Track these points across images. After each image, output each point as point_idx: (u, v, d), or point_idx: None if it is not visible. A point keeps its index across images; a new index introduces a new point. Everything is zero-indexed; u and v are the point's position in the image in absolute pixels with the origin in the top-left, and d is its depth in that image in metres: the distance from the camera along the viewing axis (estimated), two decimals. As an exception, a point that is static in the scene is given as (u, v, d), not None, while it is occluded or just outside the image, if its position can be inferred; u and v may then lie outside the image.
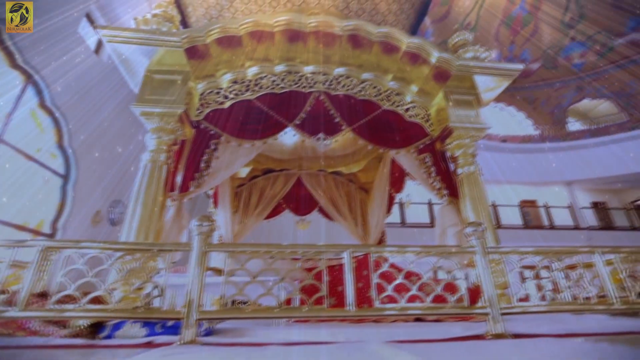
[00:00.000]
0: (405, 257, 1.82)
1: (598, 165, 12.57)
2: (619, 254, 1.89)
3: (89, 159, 6.13)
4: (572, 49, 13.91)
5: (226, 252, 1.59)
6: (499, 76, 3.23)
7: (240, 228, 5.63)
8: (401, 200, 11.45)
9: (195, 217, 1.73)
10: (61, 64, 5.40)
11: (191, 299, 1.41)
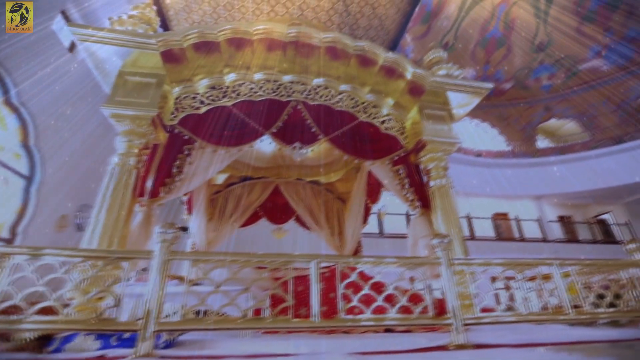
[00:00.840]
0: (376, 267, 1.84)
1: (564, 181, 13.28)
2: (575, 266, 1.98)
3: (57, 160, 5.83)
4: (541, 71, 14.81)
5: (190, 260, 1.54)
6: (470, 93, 3.38)
7: (215, 236, 5.49)
8: (379, 210, 11.61)
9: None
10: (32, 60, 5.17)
11: (149, 309, 1.34)
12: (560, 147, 14.48)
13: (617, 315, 2.08)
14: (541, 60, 14.56)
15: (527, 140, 15.30)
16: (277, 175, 5.59)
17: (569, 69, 14.28)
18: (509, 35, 14.48)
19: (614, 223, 14.41)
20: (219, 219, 5.62)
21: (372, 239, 11.25)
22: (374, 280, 1.66)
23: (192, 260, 1.53)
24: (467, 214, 13.06)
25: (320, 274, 2.28)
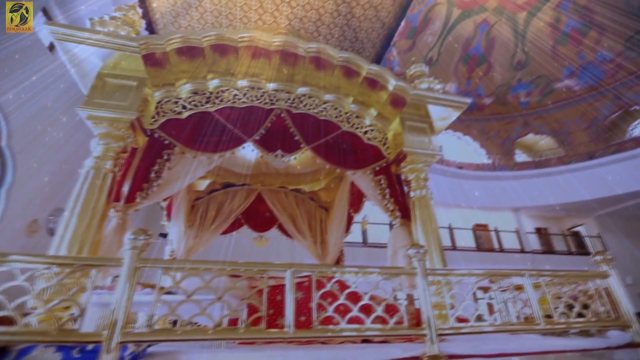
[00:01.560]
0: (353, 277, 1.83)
1: (540, 194, 13.77)
2: (545, 277, 2.04)
3: (31, 162, 5.59)
4: (519, 88, 15.49)
5: (161, 268, 1.49)
6: (450, 107, 3.49)
7: (195, 243, 5.37)
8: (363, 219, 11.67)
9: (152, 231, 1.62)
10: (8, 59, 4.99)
11: (115, 319, 1.29)
12: (537, 161, 15.06)
13: (588, 325, 2.15)
14: (519, 78, 15.24)
15: (507, 153, 15.85)
16: (260, 182, 5.55)
17: (545, 87, 15.00)
18: (490, 53, 15.12)
19: (587, 235, 14.99)
20: (200, 226, 5.51)
21: (356, 248, 11.28)
22: (349, 290, 1.66)
23: (164, 268, 1.48)
24: (449, 225, 13.31)
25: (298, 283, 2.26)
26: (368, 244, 11.71)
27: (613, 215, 14.33)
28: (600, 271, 2.25)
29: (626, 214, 14.13)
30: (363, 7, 5.66)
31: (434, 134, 3.55)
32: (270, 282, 3.24)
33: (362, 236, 12.04)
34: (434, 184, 12.03)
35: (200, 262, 1.53)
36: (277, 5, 5.69)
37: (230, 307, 1.52)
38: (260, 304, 1.55)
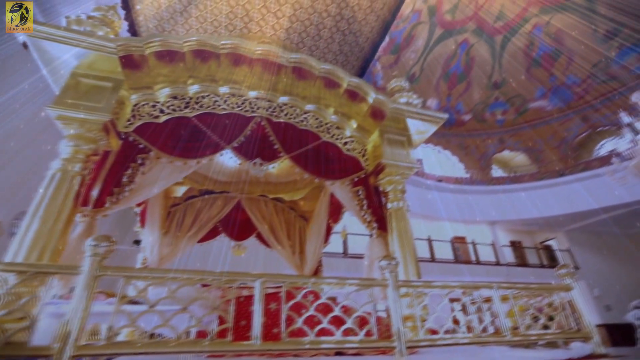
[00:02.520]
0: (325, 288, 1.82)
1: (515, 209, 14.28)
2: (512, 289, 2.10)
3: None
4: (495, 106, 16.18)
5: (123, 276, 1.42)
6: (427, 122, 3.59)
7: (169, 251, 5.20)
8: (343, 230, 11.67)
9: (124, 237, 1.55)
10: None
11: (68, 331, 1.21)
12: (512, 176, 15.66)
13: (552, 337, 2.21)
14: (496, 97, 15.95)
15: (484, 168, 16.41)
16: (240, 190, 5.46)
17: (520, 106, 15.76)
18: (469, 71, 15.78)
19: (558, 249, 15.61)
20: (176, 233, 5.35)
21: (336, 259, 11.25)
22: (320, 302, 1.64)
23: (126, 276, 1.42)
24: (428, 237, 13.54)
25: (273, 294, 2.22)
26: (348, 254, 11.71)
27: (581, 230, 15.02)
28: (564, 284, 2.33)
29: (593, 229, 14.85)
30: (348, 22, 5.79)
31: (412, 147, 3.63)
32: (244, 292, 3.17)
33: (342, 247, 12.03)
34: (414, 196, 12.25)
35: (166, 271, 1.47)
36: (263, 15, 5.73)
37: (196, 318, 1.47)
38: (228, 315, 1.50)
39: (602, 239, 15.40)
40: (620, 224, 14.08)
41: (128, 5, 6.38)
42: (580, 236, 15.18)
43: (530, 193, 14.18)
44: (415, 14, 14.17)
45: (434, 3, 14.08)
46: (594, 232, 15.09)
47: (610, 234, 15.26)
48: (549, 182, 14.04)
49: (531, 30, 14.17)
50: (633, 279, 14.63)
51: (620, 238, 15.47)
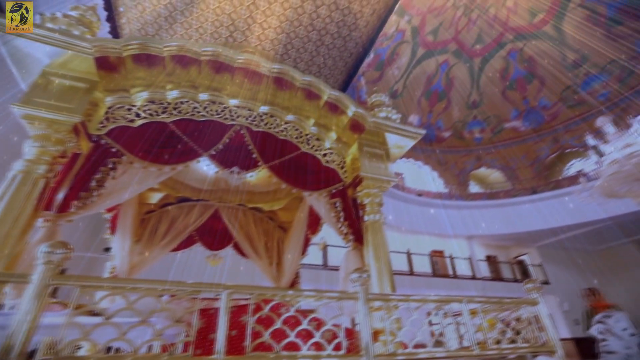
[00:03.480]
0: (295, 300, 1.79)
1: (491, 224, 14.71)
2: (483, 304, 2.14)
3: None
4: (473, 125, 16.84)
5: (78, 286, 1.34)
6: (405, 137, 3.67)
7: (141, 260, 4.99)
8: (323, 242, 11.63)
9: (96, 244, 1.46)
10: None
11: (10, 345, 1.12)
12: (488, 193, 16.20)
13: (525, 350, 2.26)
14: (474, 115, 16.62)
15: (462, 184, 16.89)
16: (218, 199, 5.36)
17: (496, 126, 16.47)
18: (449, 90, 16.41)
19: (530, 264, 16.13)
20: (149, 241, 5.15)
21: (316, 270, 11.14)
22: (288, 314, 1.61)
23: (80, 286, 1.33)
24: (407, 250, 13.68)
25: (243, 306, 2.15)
26: (328, 266, 11.63)
27: (552, 246, 15.63)
28: (531, 298, 2.40)
29: (563, 245, 15.47)
30: (332, 37, 5.93)
31: (390, 161, 3.69)
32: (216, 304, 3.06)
33: (322, 259, 11.95)
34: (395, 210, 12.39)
35: (127, 281, 1.40)
36: (249, 25, 5.79)
37: (156, 331, 1.40)
38: (199, 326, 1.44)
39: (572, 255, 16.06)
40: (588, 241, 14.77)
41: (111, 7, 6.28)
42: (552, 252, 15.79)
43: (505, 209, 14.69)
44: (400, 33, 14.70)
45: (417, 24, 14.67)
46: (564, 248, 15.73)
47: (578, 250, 15.95)
48: (523, 199, 14.61)
49: (506, 55, 14.98)
50: (599, 294, 15.22)
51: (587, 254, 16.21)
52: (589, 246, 15.68)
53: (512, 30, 14.40)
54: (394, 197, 13.78)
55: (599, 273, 15.78)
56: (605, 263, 15.75)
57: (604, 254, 15.96)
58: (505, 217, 14.52)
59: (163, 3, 5.72)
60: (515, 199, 14.78)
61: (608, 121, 8.20)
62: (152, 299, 1.38)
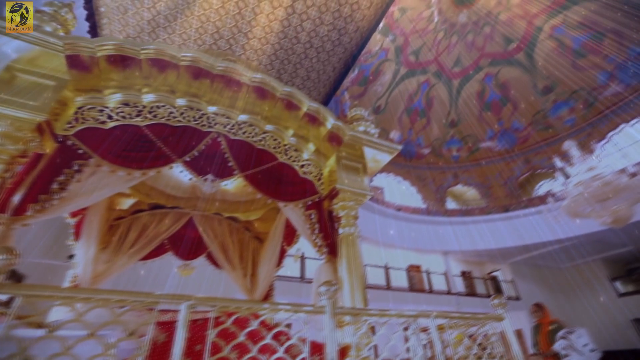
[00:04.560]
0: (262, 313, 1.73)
1: (466, 240, 15.08)
2: (449, 319, 2.15)
3: None
4: (451, 143, 17.44)
5: (21, 295, 1.24)
6: (383, 151, 3.74)
7: (106, 268, 4.73)
8: (302, 254, 11.51)
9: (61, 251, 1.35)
10: None
11: None
12: (464, 209, 16.67)
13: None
14: (452, 134, 17.24)
15: (439, 200, 17.33)
16: (193, 207, 5.21)
17: (472, 145, 17.13)
18: (429, 109, 16.99)
19: (503, 280, 16.58)
20: (116, 249, 4.91)
21: (293, 283, 10.97)
22: (251, 328, 1.55)
23: (23, 295, 1.22)
24: (385, 264, 13.74)
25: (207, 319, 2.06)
26: (306, 279, 11.47)
27: (524, 263, 16.17)
28: (497, 314, 2.45)
29: (534, 262, 16.05)
30: (317, 50, 6.03)
31: (368, 174, 3.73)
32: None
33: (300, 271, 11.80)
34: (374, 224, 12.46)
35: (79, 290, 1.31)
36: (234, 34, 5.80)
37: (106, 345, 1.30)
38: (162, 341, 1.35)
39: (542, 272, 16.66)
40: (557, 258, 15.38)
41: (91, 6, 6.14)
42: (523, 268, 16.32)
43: (480, 225, 15.14)
44: (383, 52, 15.19)
45: (400, 44, 15.23)
46: (535, 265, 16.32)
47: (548, 267, 16.57)
48: (496, 216, 15.12)
49: (483, 79, 15.77)
50: (566, 310, 15.85)
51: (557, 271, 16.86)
52: (558, 263, 16.34)
53: (489, 56, 15.22)
54: (373, 211, 13.91)
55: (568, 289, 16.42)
56: (573, 279, 16.43)
57: (572, 270, 16.66)
58: (480, 234, 14.94)
59: (146, 6, 5.65)
60: (489, 216, 15.28)
61: (574, 145, 8.71)
62: (105, 311, 1.30)
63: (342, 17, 5.78)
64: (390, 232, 14.04)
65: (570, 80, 14.28)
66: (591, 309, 15.30)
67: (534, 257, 15.37)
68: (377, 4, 5.85)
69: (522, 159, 16.44)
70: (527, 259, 15.60)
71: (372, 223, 13.35)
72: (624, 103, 13.77)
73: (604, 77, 13.86)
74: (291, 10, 5.64)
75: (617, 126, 14.05)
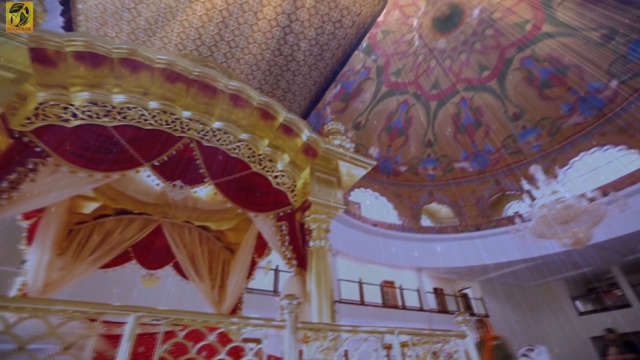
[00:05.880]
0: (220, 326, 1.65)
1: (438, 257, 15.38)
2: (412, 335, 2.15)
3: None
4: (427, 162, 17.98)
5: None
6: (357, 166, 3.78)
7: (61, 276, 4.42)
8: (277, 267, 11.28)
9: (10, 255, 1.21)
10: None
11: None
12: (437, 227, 17.09)
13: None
14: (428, 154, 17.81)
15: (414, 217, 17.67)
16: (162, 213, 5.00)
17: (447, 165, 17.75)
18: (407, 128, 17.53)
19: (473, 297, 16.95)
20: (74, 256, 4.60)
21: (266, 296, 10.67)
22: (203, 343, 1.47)
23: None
24: (359, 279, 13.71)
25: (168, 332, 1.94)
26: (279, 292, 11.20)
27: (492, 281, 16.64)
28: (460, 331, 2.47)
29: (502, 280, 16.55)
30: (299, 64, 6.11)
31: (342, 188, 3.75)
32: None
33: (273, 284, 11.55)
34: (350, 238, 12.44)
35: (10, 300, 1.20)
36: (216, 42, 5.78)
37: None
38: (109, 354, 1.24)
39: (509, 290, 17.19)
40: (523, 277, 15.96)
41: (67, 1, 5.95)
42: (492, 286, 16.78)
43: (452, 243, 15.53)
44: (366, 70, 15.64)
45: (382, 64, 15.76)
46: (503, 283, 16.83)
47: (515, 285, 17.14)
48: (467, 235, 15.59)
49: (458, 102, 16.54)
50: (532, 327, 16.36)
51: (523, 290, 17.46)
52: (524, 282, 16.96)
53: (464, 81, 16.03)
54: (350, 226, 13.95)
55: (533, 307, 17.00)
56: (538, 298, 17.06)
57: (537, 289, 17.32)
58: (452, 251, 15.30)
59: (127, 7, 5.55)
60: (461, 235, 15.72)
61: (539, 169, 9.22)
62: (38, 322, 1.18)
63: (325, 34, 5.92)
64: (365, 247, 14.09)
65: (537, 109, 15.27)
66: (554, 327, 15.89)
67: (502, 276, 15.88)
68: (359, 24, 6.05)
69: (493, 181, 17.19)
70: (496, 277, 16.10)
71: (348, 237, 13.36)
72: (584, 133, 14.85)
73: (567, 108, 14.94)
74: (275, 23, 5.72)
75: (578, 153, 15.07)
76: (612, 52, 12.90)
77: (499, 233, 14.75)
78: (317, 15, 5.90)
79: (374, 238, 14.78)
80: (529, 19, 13.55)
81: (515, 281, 16.62)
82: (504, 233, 14.37)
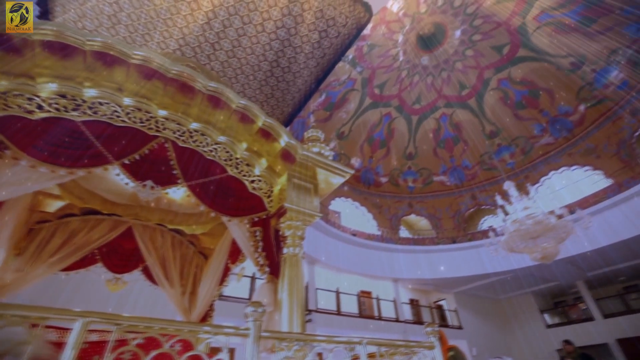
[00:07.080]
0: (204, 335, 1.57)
1: (415, 268, 15.57)
2: (380, 346, 2.14)
3: None
4: (408, 174, 18.34)
5: None
6: (335, 174, 3.78)
7: (19, 277, 4.15)
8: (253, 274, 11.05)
9: None
10: None
11: None
12: (415, 238, 17.35)
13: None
14: (409, 166, 18.19)
15: (393, 228, 17.88)
16: (134, 215, 4.80)
17: (427, 178, 18.18)
18: (389, 140, 17.86)
19: (447, 309, 17.21)
20: (34, 256, 4.33)
21: (242, 304, 10.39)
22: (158, 352, 1.39)
23: None
24: (336, 289, 13.63)
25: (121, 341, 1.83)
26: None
27: (466, 293, 16.99)
28: (428, 343, 2.48)
29: (476, 293, 16.93)
30: (283, 70, 6.12)
31: (318, 196, 3.74)
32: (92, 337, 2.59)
33: (249, 292, 11.29)
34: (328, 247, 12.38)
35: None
36: (200, 43, 5.72)
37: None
38: None
39: (482, 302, 17.59)
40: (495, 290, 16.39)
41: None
42: (466, 298, 17.12)
43: (429, 255, 15.79)
44: (351, 81, 15.90)
45: (367, 76, 16.08)
46: (476, 295, 17.21)
47: (488, 298, 17.55)
48: (443, 247, 15.91)
49: (439, 118, 17.06)
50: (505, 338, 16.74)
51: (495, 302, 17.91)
52: (496, 294, 17.41)
53: (445, 98, 16.59)
54: (329, 235, 13.92)
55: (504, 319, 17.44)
56: (509, 310, 17.54)
57: (508, 302, 17.80)
58: (428, 263, 15.55)
59: (108, 1, 5.41)
60: (438, 247, 16.03)
61: (512, 186, 9.59)
62: None
63: (310, 42, 5.97)
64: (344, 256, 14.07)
65: (512, 128, 15.99)
66: (524, 339, 16.34)
67: (475, 288, 16.25)
68: (344, 35, 6.15)
69: (469, 195, 17.73)
70: (469, 289, 16.45)
71: (327, 246, 13.32)
72: (553, 153, 15.66)
73: (539, 129, 15.74)
74: (261, 29, 5.72)
75: (548, 172, 15.84)
76: (580, 79, 13.78)
77: (473, 246, 15.14)
78: (304, 24, 5.96)
79: (352, 248, 14.80)
80: (507, 43, 14.28)
81: (488, 294, 17.04)
82: (478, 246, 14.78)
